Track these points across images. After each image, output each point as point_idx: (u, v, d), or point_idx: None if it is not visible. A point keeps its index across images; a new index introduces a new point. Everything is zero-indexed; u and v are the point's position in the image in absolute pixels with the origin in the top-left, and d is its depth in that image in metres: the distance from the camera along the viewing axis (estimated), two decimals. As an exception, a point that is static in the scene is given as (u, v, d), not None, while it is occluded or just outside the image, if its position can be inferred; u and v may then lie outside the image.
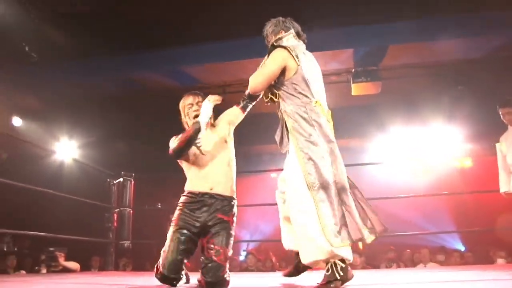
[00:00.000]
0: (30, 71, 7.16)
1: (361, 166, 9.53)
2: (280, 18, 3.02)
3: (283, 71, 2.75)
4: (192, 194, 2.94)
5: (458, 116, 7.87)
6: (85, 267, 6.66)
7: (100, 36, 6.68)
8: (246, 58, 3.10)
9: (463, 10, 6.14)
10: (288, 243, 2.87)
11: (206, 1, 6.37)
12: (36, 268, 6.21)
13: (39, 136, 8.52)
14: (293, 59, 2.74)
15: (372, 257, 9.12)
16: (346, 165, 2.73)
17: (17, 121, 8.76)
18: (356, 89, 7.36)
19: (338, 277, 2.44)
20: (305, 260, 2.52)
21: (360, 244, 8.88)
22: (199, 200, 2.90)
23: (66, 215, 7.75)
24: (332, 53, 6.89)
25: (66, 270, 5.37)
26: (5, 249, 8.43)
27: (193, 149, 2.96)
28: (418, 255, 7.12)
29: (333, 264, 2.46)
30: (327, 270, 2.47)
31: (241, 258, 9.96)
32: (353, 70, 7.28)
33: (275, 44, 2.86)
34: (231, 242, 2.86)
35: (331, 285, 2.42)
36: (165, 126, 8.77)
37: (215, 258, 2.73)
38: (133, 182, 5.63)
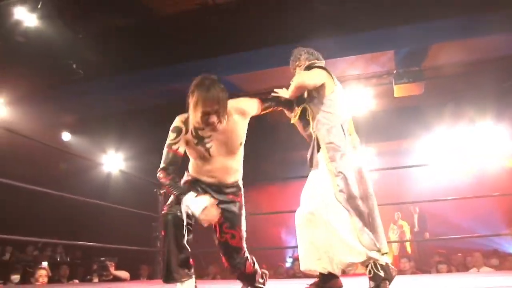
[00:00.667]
0: (77, 87, 7.42)
1: (407, 168, 9.35)
2: (310, 50, 3.12)
3: (321, 88, 2.82)
4: (197, 180, 2.64)
5: (506, 113, 7.61)
6: (134, 276, 6.80)
7: (142, 49, 6.85)
8: (286, 65, 3.08)
9: (506, 4, 5.94)
10: (309, 264, 2.76)
11: (245, 11, 6.43)
12: (88, 277, 6.40)
13: (87, 149, 8.80)
14: (331, 79, 2.86)
15: (422, 261, 8.91)
16: (391, 168, 2.75)
17: (66, 136, 9.08)
18: (399, 90, 7.24)
19: (383, 276, 2.45)
20: (341, 264, 2.56)
21: (408, 248, 8.68)
22: (205, 186, 2.62)
23: (114, 225, 7.96)
24: (372, 55, 6.81)
25: (117, 279, 5.50)
26: (58, 259, 8.74)
27: (200, 149, 2.56)
28: (470, 259, 6.87)
29: (372, 265, 2.49)
30: (369, 273, 2.50)
31: (288, 264, 9.92)
32: (394, 71, 7.16)
33: (311, 65, 2.98)
34: (244, 222, 2.70)
35: (380, 286, 2.41)
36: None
37: (231, 242, 2.63)
38: (179, 191, 5.71)
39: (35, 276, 5.85)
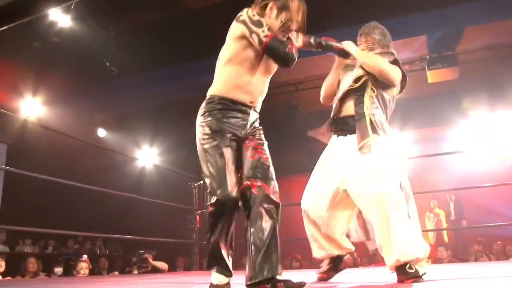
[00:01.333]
0: (111, 84, 7.56)
1: (442, 156, 9.17)
2: (385, 29, 2.92)
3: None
4: (225, 101, 2.27)
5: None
6: (171, 268, 6.93)
7: (173, 44, 6.91)
8: (317, 55, 3.06)
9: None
10: (360, 235, 2.77)
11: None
12: (127, 269, 6.56)
13: (122, 145, 8.98)
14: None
15: (459, 250, 8.75)
16: (426, 156, 2.72)
17: (101, 132, 9.30)
18: (432, 76, 7.11)
19: (421, 274, 2.40)
20: (405, 257, 2.39)
21: (445, 236, 8.53)
22: (235, 109, 2.28)
23: (151, 219, 8.12)
24: (404, 41, 6.69)
25: (156, 270, 5.62)
26: (97, 252, 8.98)
27: (258, 52, 2.25)
28: (510, 247, 6.71)
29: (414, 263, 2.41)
30: (410, 268, 2.39)
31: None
32: (427, 57, 7.02)
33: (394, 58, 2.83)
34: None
35: (420, 281, 2.37)
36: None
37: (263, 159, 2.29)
38: (212, 183, 5.78)
39: (77, 269, 6.04)
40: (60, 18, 6.06)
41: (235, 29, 2.25)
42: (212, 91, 2.33)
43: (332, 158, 2.74)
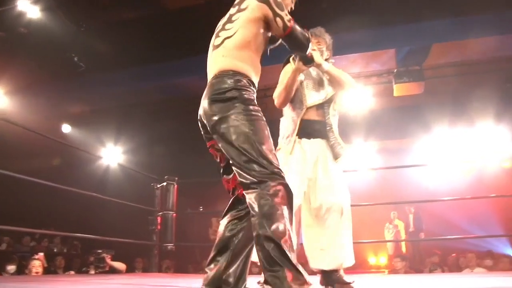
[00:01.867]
0: (78, 80, 7.43)
1: (404, 168, 9.40)
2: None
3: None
4: (252, 85, 2.05)
5: (506, 114, 7.63)
6: (130, 269, 6.84)
7: (145, 43, 6.85)
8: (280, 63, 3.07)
9: (505, 6, 5.95)
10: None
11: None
12: (84, 269, 6.43)
13: (87, 142, 8.83)
14: None
15: (416, 261, 8.95)
16: (390, 168, 2.84)
17: (66, 128, 9.12)
18: (399, 89, 7.25)
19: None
20: (346, 264, 2.68)
21: (403, 247, 8.71)
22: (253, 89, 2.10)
23: (112, 218, 8.00)
24: (373, 54, 6.82)
25: (113, 270, 5.53)
26: (55, 250, 8.78)
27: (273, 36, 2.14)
28: (463, 260, 6.91)
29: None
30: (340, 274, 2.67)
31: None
32: (395, 70, 7.17)
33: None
34: None
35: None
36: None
37: None
38: (176, 186, 5.74)
39: (29, 267, 5.87)
40: (28, 9, 5.91)
41: (256, 8, 1.98)
42: (227, 65, 1.96)
43: (298, 161, 2.79)
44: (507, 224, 8.68)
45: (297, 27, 2.04)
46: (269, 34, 2.07)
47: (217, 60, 1.98)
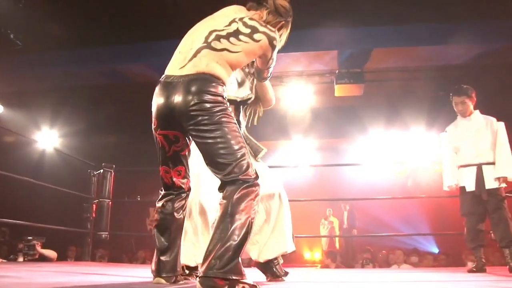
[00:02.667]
0: (14, 58, 7.11)
1: (341, 166, 9.70)
2: None
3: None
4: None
5: (437, 121, 8.03)
6: (62, 257, 6.66)
7: (87, 26, 6.65)
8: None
9: (447, 18, 6.27)
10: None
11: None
12: (11, 256, 6.18)
13: (21, 124, 8.47)
14: None
15: (349, 257, 9.27)
16: (327, 165, 2.92)
17: (-2, 108, 8.71)
18: (339, 90, 7.46)
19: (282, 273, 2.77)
20: (288, 250, 2.76)
21: (337, 243, 8.95)
22: None
23: (45, 204, 7.74)
24: (316, 54, 6.98)
25: (43, 258, 5.37)
26: (-19, 236, 8.37)
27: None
28: (392, 256, 7.25)
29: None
30: (275, 264, 2.76)
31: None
32: (337, 71, 7.37)
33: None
34: None
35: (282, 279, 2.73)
36: (147, 120, 8.86)
37: None
38: (113, 173, 5.64)
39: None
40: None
41: (264, 48, 2.09)
42: (219, 73, 1.99)
43: None
44: (433, 224, 9.17)
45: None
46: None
47: (209, 61, 1.97)
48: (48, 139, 8.89)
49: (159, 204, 2.13)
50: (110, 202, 5.57)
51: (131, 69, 7.70)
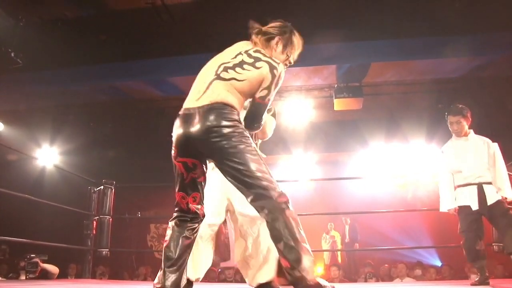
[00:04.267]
0: (14, 76, 7.15)
1: (342, 180, 9.69)
2: None
3: None
4: None
5: (437, 133, 8.04)
6: (62, 275, 6.62)
7: (86, 44, 6.70)
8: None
9: (443, 31, 6.31)
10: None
11: (191, 15, 6.46)
12: (10, 275, 6.15)
13: (21, 141, 8.48)
14: None
15: (351, 271, 9.21)
16: (327, 179, 2.90)
17: (-1, 126, 8.72)
18: (338, 104, 7.48)
19: None
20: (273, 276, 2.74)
21: (339, 257, 8.91)
22: None
23: (45, 222, 7.71)
24: (315, 68, 7.01)
25: (46, 274, 5.35)
26: (-19, 254, 8.32)
27: None
28: (394, 270, 7.21)
29: None
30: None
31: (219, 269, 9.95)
32: (335, 85, 7.40)
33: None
34: None
35: None
36: (147, 136, 8.89)
37: None
38: (113, 190, 5.63)
39: None
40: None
41: (264, 75, 2.18)
42: (231, 101, 2.14)
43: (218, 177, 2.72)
44: (436, 237, 9.12)
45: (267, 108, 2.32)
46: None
47: (221, 91, 2.12)
48: (48, 156, 8.89)
49: (172, 223, 2.18)
50: (111, 219, 5.56)
51: (129, 85, 7.73)
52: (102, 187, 5.57)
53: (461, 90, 7.28)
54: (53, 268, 5.53)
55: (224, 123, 2.04)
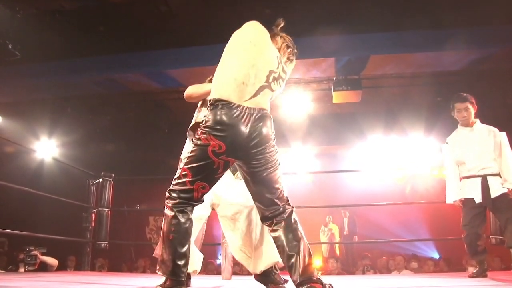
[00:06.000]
0: (12, 69, 7.13)
1: (340, 173, 9.71)
2: None
3: None
4: None
5: (436, 126, 8.05)
6: (61, 267, 6.64)
7: (84, 36, 6.68)
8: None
9: (442, 24, 6.30)
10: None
11: (190, 7, 6.44)
12: (10, 267, 6.16)
13: (20, 134, 8.47)
14: None
15: (349, 263, 9.25)
16: (325, 172, 2.92)
17: (-4, 118, 8.70)
18: (337, 97, 7.47)
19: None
20: (277, 261, 2.75)
21: (337, 250, 8.94)
22: None
23: (44, 214, 7.72)
24: (314, 61, 6.99)
25: (44, 267, 5.36)
26: (-21, 247, 8.33)
27: None
28: (392, 262, 7.24)
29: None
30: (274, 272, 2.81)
31: (218, 261, 9.98)
32: (334, 78, 7.39)
33: None
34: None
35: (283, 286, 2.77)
36: (146, 128, 8.89)
37: None
38: (112, 183, 5.64)
39: None
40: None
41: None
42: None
43: None
44: (433, 229, 9.16)
45: None
46: None
47: (267, 100, 2.21)
48: (46, 148, 8.89)
49: (180, 212, 2.13)
50: (110, 211, 5.56)
51: (128, 78, 7.71)
52: (100, 179, 5.57)
53: (460, 83, 7.27)
54: (52, 261, 5.56)
55: (272, 135, 2.18)
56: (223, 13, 6.12)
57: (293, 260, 2.08)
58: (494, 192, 3.79)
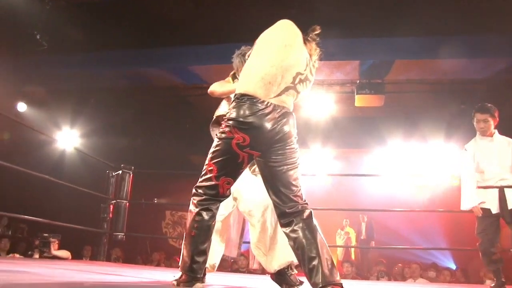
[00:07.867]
0: (39, 59, 7.24)
1: (359, 177, 9.62)
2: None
3: None
4: None
5: (456, 134, 7.93)
6: (77, 256, 6.72)
7: (110, 29, 6.74)
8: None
9: (470, 31, 6.20)
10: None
11: (215, 4, 6.45)
12: (29, 252, 6.27)
13: (42, 123, 8.59)
14: None
15: (364, 268, 9.17)
16: (345, 175, 2.90)
17: (22, 107, 8.84)
18: (360, 100, 7.42)
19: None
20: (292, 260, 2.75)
21: (352, 254, 8.88)
22: None
23: (63, 203, 7.82)
24: (338, 63, 6.94)
25: (57, 259, 5.43)
26: (-1, 232, 8.51)
27: None
28: (408, 270, 7.15)
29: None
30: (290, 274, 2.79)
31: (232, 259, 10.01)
32: (357, 81, 7.33)
33: None
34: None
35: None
36: (168, 123, 8.94)
37: None
38: (131, 175, 5.69)
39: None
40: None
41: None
42: None
43: None
44: (451, 239, 9.01)
45: None
46: None
47: (291, 100, 2.24)
48: (68, 138, 9.01)
49: (204, 209, 2.16)
50: (127, 203, 5.61)
51: (152, 72, 7.77)
52: (120, 171, 5.62)
53: (486, 91, 7.14)
54: (64, 254, 5.60)
55: (294, 134, 2.20)
56: (248, 11, 6.12)
57: (314, 262, 2.01)
58: (511, 203, 3.73)
